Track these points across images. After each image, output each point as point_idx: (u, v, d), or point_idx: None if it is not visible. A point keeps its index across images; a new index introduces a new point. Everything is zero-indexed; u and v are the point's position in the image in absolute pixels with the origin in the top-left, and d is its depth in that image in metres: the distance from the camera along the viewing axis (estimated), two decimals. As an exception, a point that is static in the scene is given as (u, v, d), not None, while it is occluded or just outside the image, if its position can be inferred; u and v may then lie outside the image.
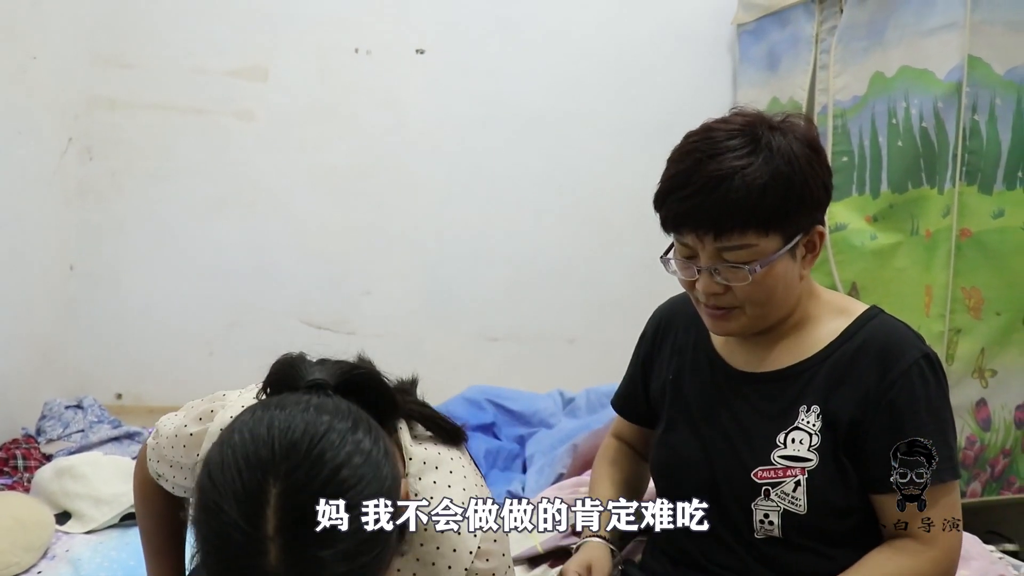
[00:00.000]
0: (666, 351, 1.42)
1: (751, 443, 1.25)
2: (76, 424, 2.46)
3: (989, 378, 2.39)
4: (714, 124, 1.22)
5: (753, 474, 1.23)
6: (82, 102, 2.93)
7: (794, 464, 1.21)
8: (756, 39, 3.22)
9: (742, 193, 1.14)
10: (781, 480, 1.21)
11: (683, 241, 1.21)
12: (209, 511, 0.82)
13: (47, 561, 1.73)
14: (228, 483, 0.82)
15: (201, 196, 3.03)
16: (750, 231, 1.15)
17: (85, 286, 2.98)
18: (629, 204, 3.35)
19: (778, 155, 1.16)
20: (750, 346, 1.31)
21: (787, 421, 1.23)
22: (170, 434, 1.18)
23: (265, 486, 0.80)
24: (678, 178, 1.19)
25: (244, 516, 0.80)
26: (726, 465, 1.26)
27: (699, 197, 1.15)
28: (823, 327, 1.27)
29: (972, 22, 2.26)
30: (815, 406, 1.22)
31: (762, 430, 1.25)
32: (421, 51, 3.16)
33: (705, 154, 1.17)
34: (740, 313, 1.22)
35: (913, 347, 1.22)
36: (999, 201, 2.32)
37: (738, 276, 1.17)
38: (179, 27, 2.99)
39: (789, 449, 1.22)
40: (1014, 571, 1.68)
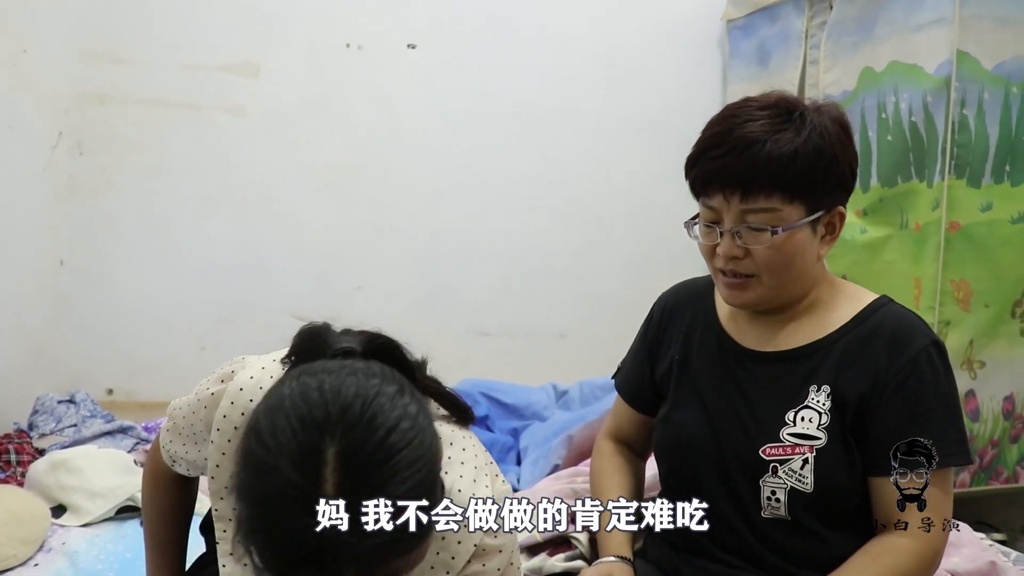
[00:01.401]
0: (673, 334, 1.42)
1: (760, 420, 1.26)
2: (69, 419, 2.45)
3: (978, 369, 2.41)
4: (752, 98, 1.26)
5: (761, 451, 1.24)
6: (72, 97, 2.91)
7: (802, 442, 1.23)
8: (746, 35, 3.23)
9: (772, 156, 1.17)
10: (789, 457, 1.23)
11: (709, 204, 1.24)
12: (262, 472, 0.82)
13: (43, 554, 1.73)
14: (282, 445, 0.82)
15: (192, 192, 3.02)
16: (776, 195, 1.19)
17: (76, 282, 2.96)
18: (620, 199, 3.38)
19: (810, 128, 1.20)
20: (760, 326, 1.32)
21: (797, 400, 1.25)
22: (186, 405, 1.17)
23: (322, 446, 0.80)
24: (711, 140, 1.23)
25: (302, 475, 0.80)
26: (734, 442, 1.28)
27: (729, 158, 1.19)
28: (835, 311, 1.29)
29: (961, 17, 2.28)
30: (825, 386, 1.24)
31: (771, 408, 1.26)
32: (412, 46, 3.16)
33: (740, 119, 1.21)
34: (757, 282, 1.24)
35: (923, 334, 1.25)
36: (987, 194, 2.35)
37: (759, 239, 1.20)
38: (170, 22, 2.98)
39: (798, 427, 1.24)
40: (1004, 558, 1.71)
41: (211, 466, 1.08)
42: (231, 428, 1.05)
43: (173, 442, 1.21)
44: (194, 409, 1.15)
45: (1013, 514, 2.73)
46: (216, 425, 1.06)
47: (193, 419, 1.15)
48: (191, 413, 1.15)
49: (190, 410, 1.16)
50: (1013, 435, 2.49)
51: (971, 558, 1.65)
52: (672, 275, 1.57)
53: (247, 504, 0.83)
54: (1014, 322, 2.44)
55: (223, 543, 1.09)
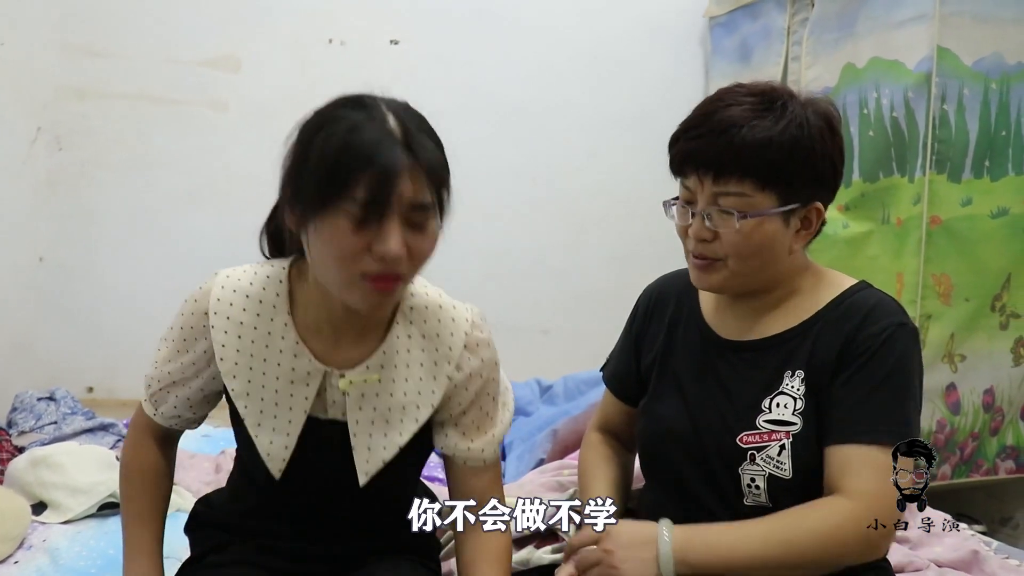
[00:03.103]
0: (658, 326, 1.43)
1: (737, 409, 1.27)
2: (49, 416, 2.43)
3: (958, 363, 2.44)
4: (744, 83, 1.28)
5: (738, 439, 1.24)
6: (51, 91, 2.89)
7: (779, 428, 1.23)
8: (728, 32, 3.25)
9: (746, 141, 1.18)
10: (766, 444, 1.23)
11: (686, 184, 1.26)
12: (327, 121, 1.07)
13: (24, 551, 1.70)
14: (339, 105, 1.09)
15: (173, 187, 3.00)
16: (748, 181, 1.19)
17: (56, 278, 2.94)
18: (603, 196, 3.38)
19: (790, 118, 1.20)
20: (741, 316, 1.33)
21: (772, 386, 1.25)
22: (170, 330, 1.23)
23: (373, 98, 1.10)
24: (693, 120, 1.25)
25: (364, 108, 1.07)
26: (713, 431, 1.28)
27: (706, 139, 1.21)
28: (813, 298, 1.29)
29: (941, 14, 2.31)
30: (799, 371, 1.25)
31: (748, 396, 1.26)
32: (396, 42, 3.15)
33: (724, 103, 1.23)
34: (722, 266, 1.25)
35: (895, 314, 1.23)
36: (967, 189, 2.38)
37: (727, 223, 1.21)
38: (150, 16, 2.96)
39: (774, 413, 1.24)
40: (986, 547, 1.72)
41: (217, 348, 1.17)
42: (227, 306, 1.18)
43: (161, 390, 1.25)
44: (182, 323, 1.21)
45: (993, 506, 2.76)
46: (213, 309, 1.17)
47: (184, 326, 1.21)
48: (179, 328, 1.21)
49: (178, 325, 1.22)
50: (993, 428, 2.52)
51: (954, 547, 1.67)
52: (655, 270, 1.57)
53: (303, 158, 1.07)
54: (994, 316, 2.47)
55: (248, 417, 1.18)
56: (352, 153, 1.03)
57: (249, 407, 1.18)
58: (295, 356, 1.18)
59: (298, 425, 1.18)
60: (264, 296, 1.19)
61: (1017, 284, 2.46)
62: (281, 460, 1.18)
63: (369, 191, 1.02)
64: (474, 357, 1.24)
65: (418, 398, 1.21)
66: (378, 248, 1.03)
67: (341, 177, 1.02)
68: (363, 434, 1.19)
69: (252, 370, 1.18)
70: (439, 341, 1.22)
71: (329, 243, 1.05)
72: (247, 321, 1.18)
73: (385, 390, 1.20)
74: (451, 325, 1.23)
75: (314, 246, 1.08)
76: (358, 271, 1.05)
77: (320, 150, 1.04)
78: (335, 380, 1.18)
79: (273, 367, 1.18)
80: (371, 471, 1.19)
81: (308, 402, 1.18)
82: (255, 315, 1.18)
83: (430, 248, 1.11)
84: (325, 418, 1.20)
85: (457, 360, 1.22)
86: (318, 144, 1.05)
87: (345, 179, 1.02)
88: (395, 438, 1.20)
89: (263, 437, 1.18)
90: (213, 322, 1.18)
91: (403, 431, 1.20)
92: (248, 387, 1.18)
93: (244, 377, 1.18)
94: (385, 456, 1.19)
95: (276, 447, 1.18)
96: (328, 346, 1.19)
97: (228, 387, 1.19)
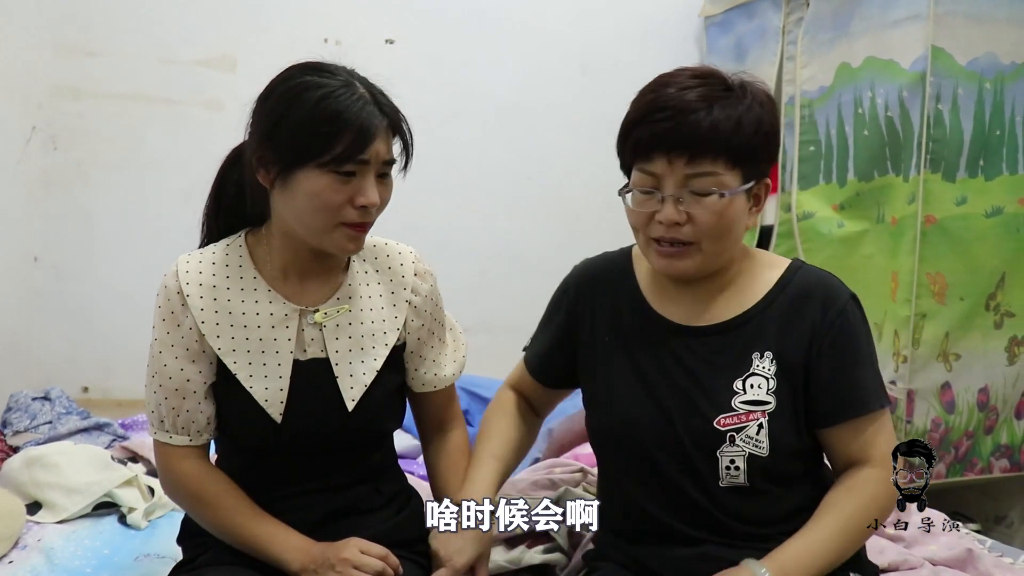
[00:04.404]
0: (594, 312, 1.40)
1: (708, 393, 1.27)
2: (44, 416, 2.41)
3: (953, 362, 2.44)
4: (683, 68, 1.29)
5: (716, 422, 1.26)
6: (46, 91, 2.88)
7: (755, 408, 1.26)
8: (723, 31, 3.25)
9: (719, 121, 1.18)
10: (744, 424, 1.25)
11: (649, 169, 1.23)
12: (304, 87, 1.20)
13: (19, 551, 1.70)
14: (305, 71, 1.23)
15: (169, 187, 2.99)
16: (720, 160, 1.20)
17: (50, 278, 2.93)
18: (597, 195, 3.37)
19: (752, 96, 1.23)
20: (688, 300, 1.33)
21: (742, 368, 1.27)
22: (154, 336, 1.30)
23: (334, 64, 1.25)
24: (650, 105, 1.23)
25: (333, 74, 1.22)
26: (686, 419, 1.28)
27: (675, 120, 1.19)
28: (757, 280, 1.32)
29: (935, 13, 2.31)
30: (768, 352, 1.27)
31: (718, 379, 1.28)
32: (391, 42, 3.15)
33: (678, 86, 1.22)
34: (696, 250, 1.24)
35: (843, 289, 1.30)
36: (962, 188, 2.38)
37: (703, 204, 1.20)
38: (146, 15, 2.96)
39: (749, 394, 1.26)
40: (980, 545, 1.73)
41: (197, 313, 1.26)
42: (196, 275, 1.28)
43: (168, 394, 1.29)
44: (162, 313, 1.28)
45: (988, 505, 2.76)
46: (184, 281, 1.27)
47: (164, 314, 1.28)
48: (161, 319, 1.28)
49: (159, 317, 1.29)
50: (988, 427, 2.53)
51: (949, 546, 1.67)
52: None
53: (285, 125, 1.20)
54: (988, 315, 2.47)
55: (240, 371, 1.27)
56: (334, 115, 1.18)
57: (238, 361, 1.28)
58: (270, 303, 1.30)
59: (287, 366, 1.28)
60: (229, 260, 1.31)
61: (1011, 283, 2.46)
62: (280, 403, 1.28)
63: (352, 148, 1.18)
64: (424, 283, 1.42)
65: (384, 324, 1.37)
66: (360, 200, 1.21)
67: (326, 136, 1.17)
68: (343, 362, 1.31)
69: (233, 327, 1.28)
70: (392, 273, 1.40)
71: (314, 196, 1.20)
72: (219, 283, 1.29)
73: (356, 319, 1.34)
74: (399, 258, 1.41)
75: (294, 200, 1.22)
76: (338, 220, 1.22)
77: (301, 113, 1.19)
78: (310, 319, 1.31)
79: (252, 317, 1.29)
80: (356, 396, 1.31)
81: (291, 343, 1.29)
82: (225, 277, 1.29)
83: (390, 196, 1.29)
84: (305, 359, 1.31)
85: (411, 285, 1.40)
86: (298, 107, 1.19)
87: (330, 138, 1.17)
88: (371, 363, 1.34)
89: (257, 386, 1.28)
90: (188, 291, 1.27)
91: (377, 356, 1.34)
92: (233, 343, 1.28)
93: (228, 334, 1.28)
94: (366, 380, 1.32)
95: (272, 392, 1.28)
96: (296, 290, 1.32)
97: (215, 347, 1.27)
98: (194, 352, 1.28)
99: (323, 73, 1.22)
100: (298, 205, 1.22)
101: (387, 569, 1.23)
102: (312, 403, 1.30)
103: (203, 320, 1.26)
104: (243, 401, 1.28)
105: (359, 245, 1.28)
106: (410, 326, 1.40)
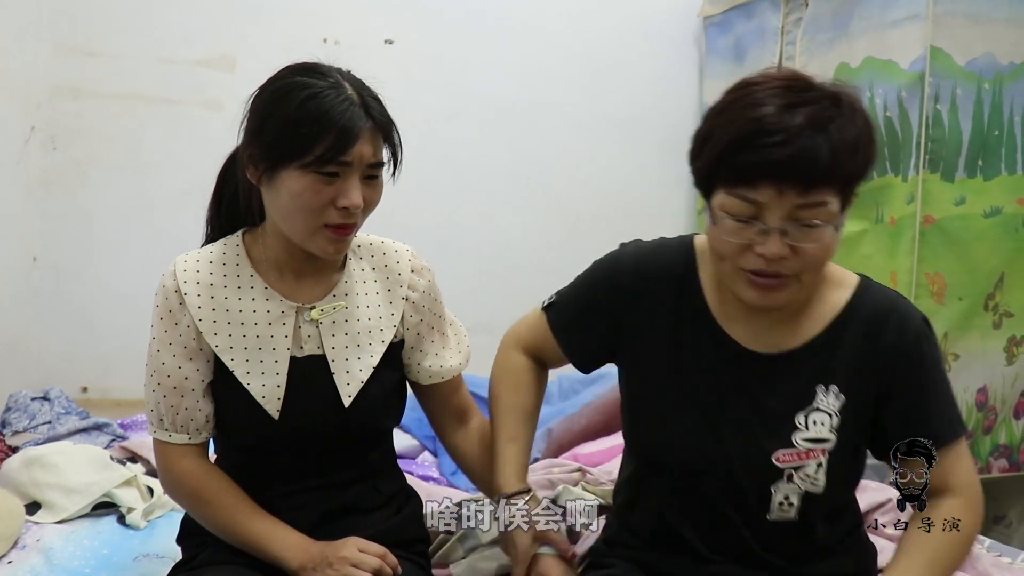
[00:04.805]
0: (653, 315, 1.28)
1: (769, 425, 1.21)
2: (43, 416, 2.41)
3: (952, 362, 2.44)
4: (765, 75, 1.14)
5: (774, 457, 1.19)
6: (45, 90, 2.87)
7: (816, 446, 1.20)
8: (722, 32, 3.25)
9: (838, 148, 1.05)
10: (804, 463, 1.19)
11: (751, 197, 1.08)
12: (291, 87, 1.20)
13: (18, 551, 1.70)
14: (296, 72, 1.23)
15: (168, 186, 2.99)
16: (831, 188, 1.07)
17: (50, 278, 2.93)
18: (597, 195, 3.38)
19: (860, 114, 1.10)
20: (756, 322, 1.23)
21: (805, 401, 1.20)
22: (153, 336, 1.30)
23: (327, 66, 1.25)
24: (758, 127, 1.05)
25: (322, 75, 1.22)
26: (743, 449, 1.21)
27: (792, 147, 1.04)
28: (826, 302, 1.23)
29: (934, 14, 2.32)
30: (833, 386, 1.20)
31: (780, 412, 1.21)
32: (390, 42, 3.15)
33: (789, 102, 1.06)
34: (794, 281, 1.13)
35: (915, 314, 1.23)
36: (961, 188, 2.38)
37: (812, 236, 1.08)
38: (145, 15, 2.95)
39: (811, 431, 1.20)
40: (979, 545, 1.73)
41: (194, 311, 1.27)
42: (194, 273, 1.28)
43: (166, 392, 1.29)
44: (160, 312, 1.29)
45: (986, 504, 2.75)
46: (182, 279, 1.27)
47: (162, 313, 1.29)
48: (160, 318, 1.29)
49: (157, 316, 1.29)
50: (986, 427, 2.53)
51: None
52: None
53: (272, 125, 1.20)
54: (987, 315, 2.47)
55: (237, 368, 1.28)
56: (317, 116, 1.18)
57: (236, 359, 1.28)
58: (267, 300, 1.30)
59: (284, 363, 1.29)
60: (226, 258, 1.32)
61: (1010, 283, 2.47)
62: (277, 400, 1.28)
63: (333, 150, 1.17)
64: (421, 278, 1.42)
65: (380, 321, 1.37)
66: (342, 202, 1.20)
67: (308, 137, 1.17)
68: (340, 359, 1.32)
69: (231, 324, 1.29)
70: (388, 271, 1.40)
71: (296, 197, 1.20)
72: (216, 282, 1.30)
73: (352, 316, 1.34)
74: (395, 256, 1.42)
75: (279, 199, 1.22)
76: (321, 222, 1.22)
77: (287, 112, 1.19)
78: (306, 315, 1.32)
79: (249, 314, 1.29)
80: (352, 392, 1.31)
81: (288, 340, 1.30)
82: (222, 275, 1.30)
83: (379, 198, 1.29)
84: (302, 355, 1.31)
85: (408, 282, 1.40)
86: (284, 107, 1.20)
87: (312, 139, 1.17)
88: (367, 360, 1.34)
89: (255, 383, 1.28)
90: (185, 290, 1.28)
91: (373, 353, 1.35)
92: (230, 340, 1.28)
93: (225, 332, 1.28)
94: (362, 377, 1.33)
95: (269, 388, 1.28)
96: (292, 288, 1.33)
97: (212, 345, 1.28)
98: (192, 350, 1.28)
99: (313, 74, 1.23)
100: (282, 205, 1.23)
101: (385, 568, 1.23)
102: (309, 400, 1.30)
103: (200, 318, 1.27)
104: (241, 398, 1.28)
105: (340, 249, 1.28)
106: (408, 322, 1.40)
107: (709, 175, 1.13)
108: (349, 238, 1.27)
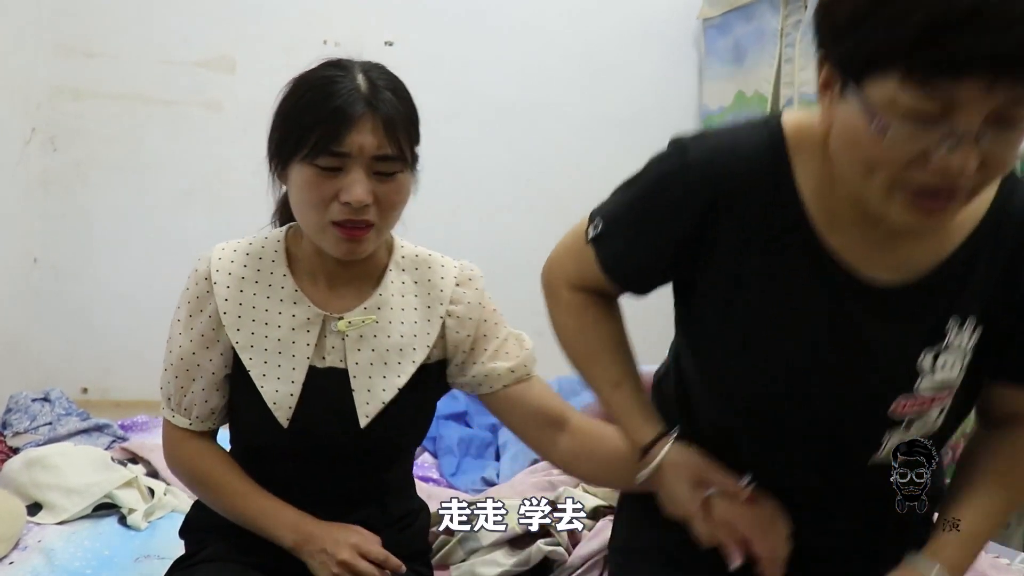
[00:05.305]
0: (743, 227, 1.03)
1: (887, 370, 1.01)
2: (43, 417, 2.42)
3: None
4: None
5: (892, 408, 1.02)
6: (46, 91, 2.89)
7: (941, 392, 1.01)
8: (721, 33, 3.26)
9: None
10: (927, 411, 1.02)
11: (950, 93, 0.81)
12: (303, 80, 1.18)
13: (19, 552, 1.70)
14: (320, 66, 1.19)
15: (168, 187, 3.00)
16: None
17: (50, 279, 2.94)
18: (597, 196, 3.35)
19: None
20: (871, 239, 0.99)
21: (932, 339, 0.99)
22: (176, 318, 1.27)
23: (351, 60, 1.20)
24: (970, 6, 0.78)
25: (339, 67, 1.18)
26: (855, 395, 1.03)
27: (1012, 32, 0.78)
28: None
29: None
30: (971, 317, 0.99)
31: (903, 354, 1.00)
32: (390, 43, 3.15)
33: None
34: (963, 199, 0.89)
35: None
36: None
37: (1009, 141, 0.85)
38: (145, 16, 2.96)
39: (938, 375, 1.00)
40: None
41: (220, 303, 1.23)
42: (227, 264, 1.25)
43: (178, 373, 1.27)
44: (188, 296, 1.26)
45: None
46: (215, 268, 1.24)
47: (190, 297, 1.26)
48: (187, 302, 1.26)
49: (184, 300, 1.26)
50: None
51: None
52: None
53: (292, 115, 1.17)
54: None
55: (254, 368, 1.23)
56: (312, 105, 1.15)
57: (254, 358, 1.24)
58: (295, 304, 1.25)
59: (301, 372, 1.24)
60: (263, 253, 1.27)
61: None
62: (287, 408, 1.23)
63: (325, 138, 1.12)
64: (468, 289, 1.33)
65: (414, 340, 1.28)
66: (343, 197, 1.14)
67: (304, 127, 1.14)
68: (363, 376, 1.25)
69: (255, 321, 1.24)
70: (430, 286, 1.31)
71: (300, 191, 1.17)
72: (248, 276, 1.25)
73: (382, 331, 1.27)
74: (440, 271, 1.32)
75: (292, 196, 1.20)
76: (327, 219, 1.16)
77: (288, 105, 1.18)
78: (333, 326, 1.25)
79: (275, 316, 1.25)
80: (371, 412, 1.24)
81: (310, 348, 1.24)
82: (255, 270, 1.26)
83: (399, 198, 1.20)
84: (323, 366, 1.26)
85: (450, 297, 1.31)
86: (288, 100, 1.19)
87: (308, 129, 1.13)
88: (393, 380, 1.26)
89: (268, 387, 1.23)
90: (215, 279, 1.24)
91: (401, 373, 1.26)
92: (252, 339, 1.24)
93: (248, 329, 1.24)
94: (385, 398, 1.25)
95: (282, 395, 1.23)
96: (324, 294, 1.27)
97: (232, 340, 1.24)
98: (210, 339, 1.25)
99: (330, 67, 1.19)
100: (294, 201, 1.20)
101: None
102: (323, 413, 1.24)
103: (225, 311, 1.23)
104: (253, 398, 1.24)
105: (353, 250, 1.19)
106: (452, 339, 1.30)
107: (879, 55, 0.83)
108: (363, 239, 1.18)
